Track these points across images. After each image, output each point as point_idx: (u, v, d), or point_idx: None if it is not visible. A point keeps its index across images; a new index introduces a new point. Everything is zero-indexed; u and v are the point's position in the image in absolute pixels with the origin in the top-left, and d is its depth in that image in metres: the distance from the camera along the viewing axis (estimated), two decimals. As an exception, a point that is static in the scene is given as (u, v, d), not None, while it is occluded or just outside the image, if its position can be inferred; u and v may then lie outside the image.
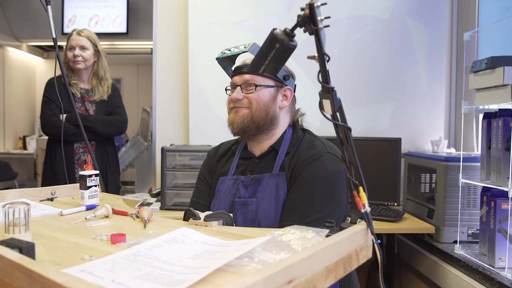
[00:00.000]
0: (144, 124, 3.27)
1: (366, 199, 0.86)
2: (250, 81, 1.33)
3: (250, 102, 1.32)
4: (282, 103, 1.36)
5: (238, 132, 1.35)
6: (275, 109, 1.34)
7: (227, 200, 1.35)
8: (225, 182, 1.38)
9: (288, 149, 1.34)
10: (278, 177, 1.30)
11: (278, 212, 1.27)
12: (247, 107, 1.33)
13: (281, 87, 1.36)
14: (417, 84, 2.70)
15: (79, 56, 2.42)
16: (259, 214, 1.28)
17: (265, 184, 1.30)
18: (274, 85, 1.34)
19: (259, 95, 1.32)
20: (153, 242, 0.84)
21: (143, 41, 5.49)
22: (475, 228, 1.93)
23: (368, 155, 2.32)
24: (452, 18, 2.70)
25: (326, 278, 0.73)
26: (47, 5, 1.78)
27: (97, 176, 1.31)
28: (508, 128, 1.57)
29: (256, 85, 1.32)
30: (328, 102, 0.88)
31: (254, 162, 1.38)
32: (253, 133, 1.35)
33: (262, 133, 1.36)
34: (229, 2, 2.75)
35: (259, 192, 1.30)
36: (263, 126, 1.33)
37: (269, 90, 1.33)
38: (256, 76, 1.32)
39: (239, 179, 1.35)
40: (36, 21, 5.55)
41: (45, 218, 1.12)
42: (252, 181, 1.32)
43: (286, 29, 0.90)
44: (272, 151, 1.36)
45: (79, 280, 0.58)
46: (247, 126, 1.32)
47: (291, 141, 1.36)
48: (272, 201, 1.28)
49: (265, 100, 1.32)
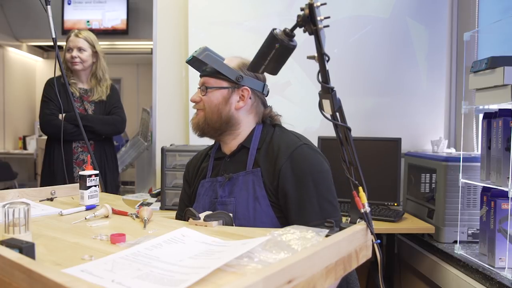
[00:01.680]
0: (144, 124, 3.27)
1: (366, 199, 0.87)
2: (204, 83, 1.36)
3: (204, 104, 1.35)
4: (238, 104, 1.35)
5: (196, 133, 1.40)
6: (229, 110, 1.35)
7: (206, 201, 1.36)
8: (204, 185, 1.40)
9: (259, 145, 1.35)
10: (253, 175, 1.31)
11: (257, 210, 1.27)
12: (203, 110, 1.36)
13: (237, 88, 1.35)
14: (417, 84, 2.69)
15: (77, 58, 2.43)
16: (238, 213, 1.28)
17: (241, 182, 1.31)
18: (227, 86, 1.34)
19: (209, 98, 1.34)
20: (153, 242, 0.84)
21: (143, 41, 5.49)
22: (475, 228, 1.93)
23: (368, 155, 2.32)
24: (452, 18, 2.70)
25: (326, 278, 0.73)
26: (47, 5, 1.79)
27: (96, 176, 1.31)
28: (508, 128, 1.57)
29: (207, 87, 1.34)
30: (328, 102, 0.88)
31: (226, 161, 1.39)
32: (212, 134, 1.38)
33: (225, 134, 1.37)
34: (229, 2, 2.75)
35: (235, 192, 1.31)
36: (220, 127, 1.35)
37: (221, 92, 1.34)
38: (209, 79, 1.35)
39: (216, 180, 1.36)
40: (36, 21, 5.55)
41: (45, 218, 1.12)
42: (225, 180, 1.33)
43: (286, 29, 0.90)
44: (242, 148, 1.37)
45: (79, 280, 0.58)
46: (203, 127, 1.36)
47: (261, 137, 1.37)
48: (250, 199, 1.28)
49: (215, 102, 1.34)
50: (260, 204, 1.27)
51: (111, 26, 5.44)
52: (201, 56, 1.30)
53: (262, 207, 1.27)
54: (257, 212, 1.27)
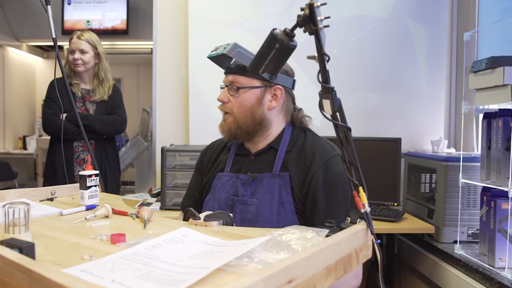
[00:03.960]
0: (144, 124, 3.27)
1: (366, 199, 0.87)
2: (233, 82, 1.27)
3: (233, 108, 1.28)
4: (271, 104, 1.28)
5: (227, 139, 1.34)
6: (262, 111, 1.28)
7: (222, 196, 1.31)
8: (221, 178, 1.35)
9: (288, 148, 1.30)
10: (280, 178, 1.26)
11: (281, 215, 1.23)
12: (232, 114, 1.29)
13: (269, 87, 1.28)
14: (417, 84, 2.69)
15: (79, 60, 2.46)
16: (260, 215, 1.24)
17: (265, 184, 1.26)
18: (259, 85, 1.27)
19: (242, 100, 1.26)
20: (153, 242, 0.84)
21: (143, 41, 5.49)
22: (475, 228, 1.93)
23: (368, 155, 2.32)
24: (452, 18, 2.70)
25: (326, 278, 0.73)
26: (47, 5, 1.79)
27: (97, 176, 1.31)
28: (508, 128, 1.57)
29: (238, 87, 1.26)
30: (328, 102, 0.88)
31: (250, 160, 1.33)
32: (245, 138, 1.32)
33: (256, 135, 1.31)
34: (229, 2, 2.75)
35: (259, 193, 1.26)
36: (253, 130, 1.29)
37: (254, 92, 1.26)
38: (239, 77, 1.26)
39: (237, 177, 1.31)
40: (36, 21, 5.55)
41: (45, 218, 1.12)
42: (249, 180, 1.28)
43: (286, 29, 0.90)
44: (269, 149, 1.32)
45: (79, 280, 0.58)
46: (235, 133, 1.29)
47: (291, 139, 1.31)
48: (275, 203, 1.24)
49: (248, 105, 1.26)
50: (285, 209, 1.23)
51: (111, 26, 5.44)
52: (232, 53, 1.20)
53: (287, 213, 1.23)
54: (281, 217, 1.23)
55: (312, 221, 1.23)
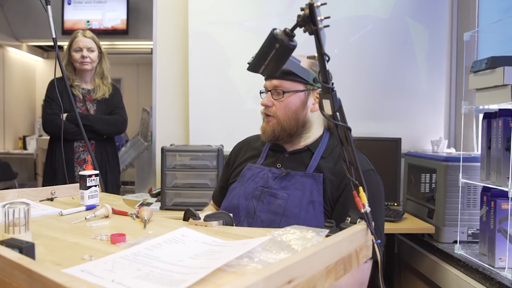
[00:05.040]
0: (144, 124, 3.27)
1: (366, 199, 0.87)
2: (278, 87, 1.29)
3: (278, 111, 1.30)
4: (314, 106, 1.31)
5: (270, 141, 1.36)
6: (306, 113, 1.31)
7: (250, 186, 1.33)
8: (252, 169, 1.37)
9: (324, 154, 1.32)
10: (313, 178, 1.27)
11: (309, 213, 1.24)
12: (276, 117, 1.31)
13: (312, 90, 1.31)
14: (417, 84, 2.69)
15: (87, 58, 2.45)
16: (288, 210, 1.25)
17: (297, 181, 1.28)
18: (303, 89, 1.30)
19: (287, 104, 1.29)
20: (153, 242, 0.84)
21: (143, 41, 5.49)
22: (475, 228, 1.93)
23: (368, 155, 2.30)
24: (452, 18, 2.70)
25: (326, 278, 0.73)
26: (47, 5, 1.79)
27: (97, 176, 1.31)
28: (508, 128, 1.57)
29: (283, 91, 1.28)
30: (328, 102, 0.88)
31: (284, 157, 1.36)
32: (287, 139, 1.34)
33: (296, 136, 1.34)
34: (229, 2, 2.75)
35: (290, 188, 1.28)
36: (295, 132, 1.32)
37: (299, 96, 1.30)
38: (284, 81, 1.29)
39: (269, 170, 1.33)
40: (36, 21, 5.55)
41: (45, 218, 1.12)
42: (282, 174, 1.30)
43: (286, 29, 0.90)
44: (306, 150, 1.34)
45: (79, 280, 0.58)
46: (278, 135, 1.32)
47: (328, 146, 1.34)
48: (305, 201, 1.25)
49: (293, 108, 1.29)
50: (314, 208, 1.25)
51: (111, 26, 5.44)
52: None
53: (316, 212, 1.25)
54: (309, 214, 1.24)
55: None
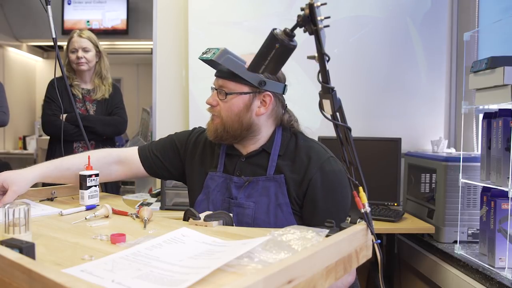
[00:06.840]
0: (144, 124, 3.27)
1: (366, 199, 0.87)
2: (222, 87, 1.26)
3: (221, 111, 1.27)
4: (259, 110, 1.27)
5: (213, 140, 1.32)
6: (250, 117, 1.26)
7: (218, 198, 1.31)
8: (215, 179, 1.34)
9: (280, 151, 1.30)
10: (275, 181, 1.26)
11: (278, 217, 1.24)
12: (220, 117, 1.28)
13: (258, 93, 1.26)
14: (417, 84, 2.69)
15: (83, 58, 2.43)
16: (257, 219, 1.24)
17: (260, 187, 1.27)
18: (248, 91, 1.25)
19: (229, 106, 1.26)
20: (153, 242, 0.84)
21: (143, 41, 5.49)
22: (475, 228, 1.93)
23: (368, 155, 2.32)
24: (452, 18, 2.70)
25: (326, 278, 0.73)
26: (47, 5, 1.79)
27: (97, 176, 1.31)
28: (508, 128, 1.57)
29: (226, 93, 1.25)
30: (328, 102, 0.88)
31: (242, 162, 1.33)
32: (231, 140, 1.31)
33: (244, 140, 1.31)
34: (229, 2, 2.75)
35: (255, 196, 1.26)
36: (240, 135, 1.28)
37: (242, 98, 1.25)
38: (229, 82, 1.25)
39: (230, 179, 1.31)
40: (36, 21, 5.55)
41: (45, 218, 1.12)
42: (245, 183, 1.28)
43: (286, 29, 0.90)
44: (261, 152, 1.31)
45: (79, 280, 0.58)
46: (221, 135, 1.28)
47: (282, 143, 1.31)
48: (272, 206, 1.24)
49: (236, 110, 1.25)
50: (282, 211, 1.24)
51: (111, 26, 5.43)
52: (221, 60, 1.19)
53: (284, 215, 1.24)
54: (279, 219, 1.24)
55: (311, 222, 1.23)
